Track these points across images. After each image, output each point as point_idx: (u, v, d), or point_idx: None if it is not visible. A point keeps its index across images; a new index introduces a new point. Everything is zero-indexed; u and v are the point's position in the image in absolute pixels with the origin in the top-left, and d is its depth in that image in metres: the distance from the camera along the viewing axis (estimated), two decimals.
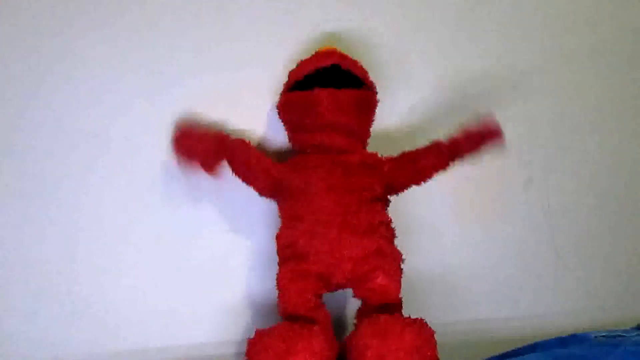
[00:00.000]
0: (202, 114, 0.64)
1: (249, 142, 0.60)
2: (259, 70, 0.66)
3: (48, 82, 0.63)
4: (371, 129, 0.63)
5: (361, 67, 0.61)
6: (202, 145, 0.59)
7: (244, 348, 0.54)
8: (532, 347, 0.62)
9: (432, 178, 0.60)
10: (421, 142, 0.61)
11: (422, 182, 0.61)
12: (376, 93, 0.61)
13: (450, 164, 0.60)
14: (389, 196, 0.62)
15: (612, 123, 0.77)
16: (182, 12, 0.66)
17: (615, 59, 0.77)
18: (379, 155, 0.61)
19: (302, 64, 0.60)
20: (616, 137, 0.77)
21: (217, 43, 0.66)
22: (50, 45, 0.63)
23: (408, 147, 0.61)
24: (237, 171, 0.60)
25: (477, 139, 0.60)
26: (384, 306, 0.57)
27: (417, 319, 0.54)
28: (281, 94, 0.61)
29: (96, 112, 0.64)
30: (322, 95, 0.57)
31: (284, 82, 0.61)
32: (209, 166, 0.59)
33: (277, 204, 0.61)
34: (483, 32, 0.73)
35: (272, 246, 0.60)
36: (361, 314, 0.58)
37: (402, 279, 0.58)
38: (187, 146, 0.59)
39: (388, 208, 0.61)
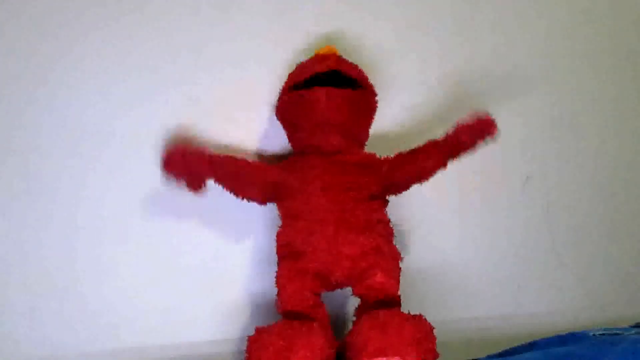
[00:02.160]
0: (201, 113, 0.65)
1: (234, 155, 0.59)
2: (259, 70, 0.66)
3: (48, 81, 0.63)
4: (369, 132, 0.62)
5: (359, 70, 0.61)
6: (189, 167, 0.57)
7: (244, 346, 0.54)
8: (531, 345, 0.62)
9: (432, 177, 0.60)
10: (418, 142, 0.60)
11: (422, 182, 0.60)
12: (375, 95, 0.61)
13: (449, 161, 0.60)
14: (387, 196, 0.61)
15: (612, 122, 0.77)
16: (183, 12, 0.66)
17: (615, 59, 0.77)
18: (378, 156, 0.61)
19: (300, 68, 0.61)
20: (615, 135, 0.77)
21: (218, 43, 0.66)
22: (50, 44, 0.63)
23: (404, 148, 0.61)
24: (229, 187, 0.58)
25: (472, 133, 0.58)
26: (383, 302, 0.57)
27: (416, 314, 0.55)
28: (279, 96, 0.62)
29: (96, 112, 0.64)
30: (320, 93, 0.57)
31: (283, 84, 0.61)
32: (195, 186, 0.57)
33: (277, 204, 0.61)
34: (481, 31, 0.73)
35: (271, 244, 0.60)
36: (360, 311, 0.58)
37: (401, 277, 0.58)
38: (175, 166, 0.56)
39: (386, 208, 0.61)
